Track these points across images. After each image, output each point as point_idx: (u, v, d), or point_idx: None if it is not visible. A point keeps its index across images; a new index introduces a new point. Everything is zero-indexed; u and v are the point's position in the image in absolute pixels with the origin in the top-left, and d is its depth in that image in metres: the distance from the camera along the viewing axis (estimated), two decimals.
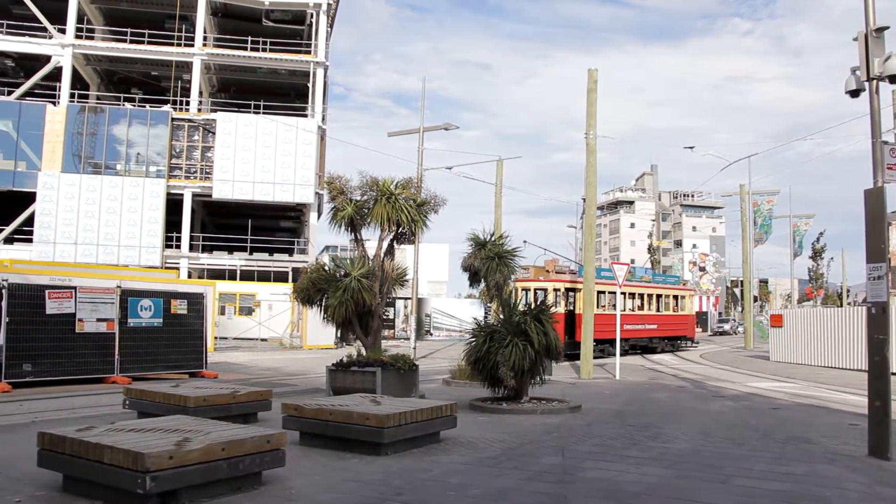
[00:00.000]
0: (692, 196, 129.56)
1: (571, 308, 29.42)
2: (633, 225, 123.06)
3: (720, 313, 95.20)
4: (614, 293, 29.30)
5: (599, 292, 29.29)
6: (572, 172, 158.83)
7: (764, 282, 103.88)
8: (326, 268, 14.54)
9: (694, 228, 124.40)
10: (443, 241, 68.82)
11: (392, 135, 30.29)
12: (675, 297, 36.74)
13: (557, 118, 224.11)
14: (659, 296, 35.05)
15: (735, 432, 11.02)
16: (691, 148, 34.16)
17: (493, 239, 15.08)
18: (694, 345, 39.45)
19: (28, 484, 6.94)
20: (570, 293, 29.72)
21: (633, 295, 32.65)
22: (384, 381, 12.58)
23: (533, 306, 13.48)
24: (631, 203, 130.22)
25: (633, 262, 73.62)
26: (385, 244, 14.91)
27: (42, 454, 6.87)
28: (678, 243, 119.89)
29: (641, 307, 33.70)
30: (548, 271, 29.27)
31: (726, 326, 73.25)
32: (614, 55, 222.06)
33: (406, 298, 39.64)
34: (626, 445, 9.67)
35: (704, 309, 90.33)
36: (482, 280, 14.75)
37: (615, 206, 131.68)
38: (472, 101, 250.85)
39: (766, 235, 47.16)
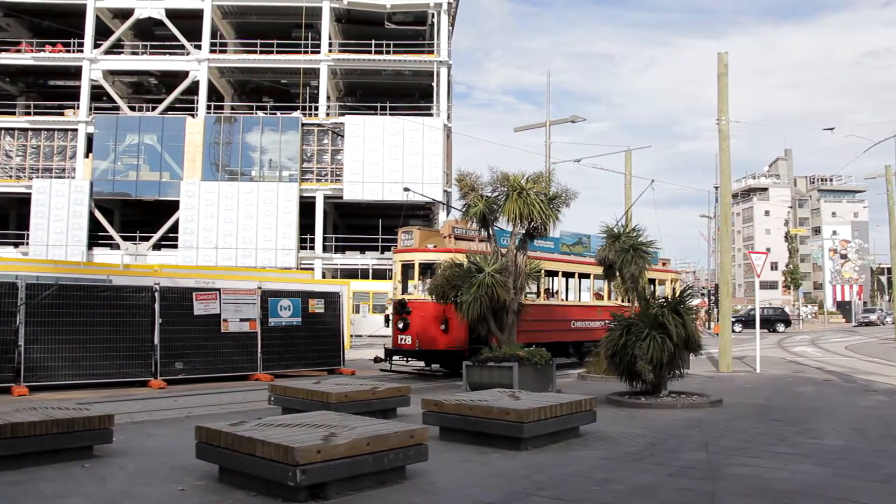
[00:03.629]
0: (831, 180, 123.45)
1: None
2: (767, 213, 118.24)
3: (865, 303, 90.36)
4: (580, 277, 22.43)
5: (549, 273, 20.90)
6: (701, 161, 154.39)
7: None
8: (459, 265, 14.62)
9: (833, 214, 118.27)
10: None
11: (518, 130, 30.23)
12: (651, 282, 25.13)
13: (683, 106, 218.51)
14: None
15: (892, 429, 10.40)
16: (831, 129, 32.32)
17: (626, 231, 14.81)
18: None
19: (188, 474, 7.28)
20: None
21: (585, 276, 22.61)
22: (521, 375, 12.57)
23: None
24: (764, 190, 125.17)
25: (768, 250, 70.84)
26: (517, 239, 14.88)
27: (200, 447, 7.20)
28: (816, 230, 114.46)
29: (600, 296, 23.52)
30: (445, 237, 19.10)
31: (872, 317, 69.30)
32: (740, 38, 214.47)
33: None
34: (773, 441, 9.28)
35: (847, 298, 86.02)
36: (617, 273, 14.50)
37: (748, 193, 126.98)
38: (595, 92, 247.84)
39: None
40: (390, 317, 19.60)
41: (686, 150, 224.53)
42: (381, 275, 42.71)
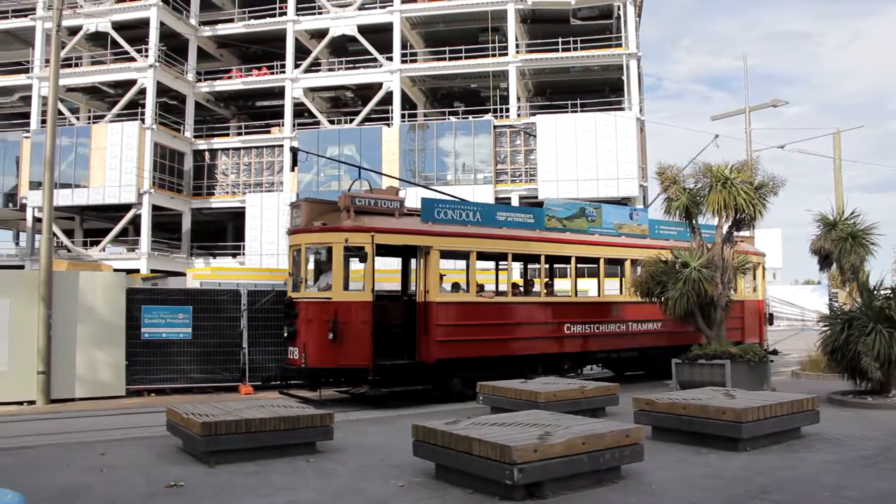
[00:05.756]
0: None
1: (411, 292, 15.07)
2: None
3: None
4: (589, 260, 17.03)
5: (520, 257, 16.52)
6: None
7: None
8: (664, 259, 14.26)
9: None
10: (772, 226, 64.32)
11: (716, 118, 29.15)
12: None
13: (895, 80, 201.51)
14: None
15: None
16: None
17: (842, 217, 13.91)
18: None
19: (405, 471, 7.54)
20: (406, 255, 15.53)
21: (593, 261, 17.05)
22: (734, 373, 12.11)
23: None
24: None
25: None
26: (723, 231, 14.34)
27: (416, 445, 7.43)
28: None
29: (622, 288, 18.04)
30: (342, 211, 13.59)
31: None
32: None
33: None
34: None
35: None
36: (834, 263, 13.68)
37: None
38: (792, 74, 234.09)
39: None
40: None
41: None
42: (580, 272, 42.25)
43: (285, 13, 45.88)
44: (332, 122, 46.75)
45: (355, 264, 13.98)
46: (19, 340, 14.43)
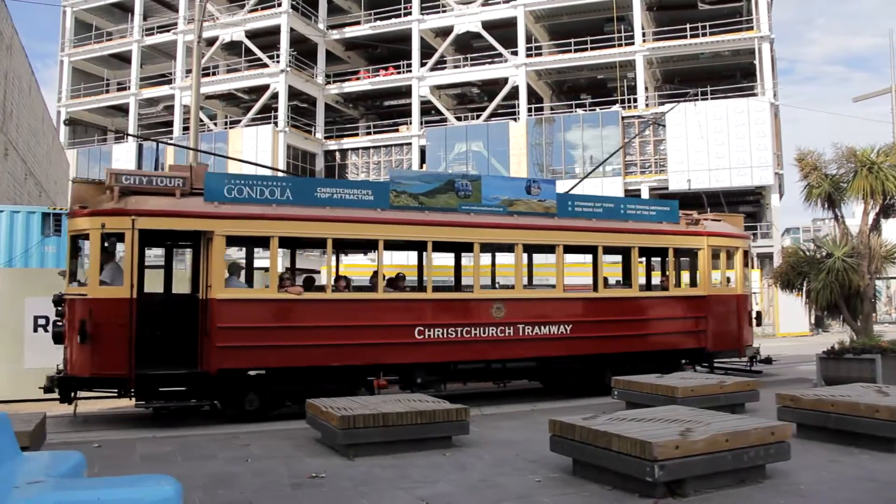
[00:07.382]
0: None
1: (197, 289, 11.53)
2: None
3: None
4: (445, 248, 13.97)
5: (351, 243, 13.93)
6: None
7: None
8: (804, 250, 13.70)
9: None
10: None
11: (857, 99, 27.88)
12: (647, 250, 14.98)
13: None
14: (590, 250, 14.50)
15: None
16: None
17: None
18: (745, 369, 15.66)
19: (542, 466, 7.53)
20: (192, 243, 12.24)
21: (481, 250, 12.97)
22: (884, 369, 11.49)
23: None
24: None
25: None
26: (870, 219, 13.65)
27: (553, 440, 7.41)
28: None
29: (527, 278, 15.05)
30: (109, 190, 10.84)
31: None
32: None
33: (888, 278, 35.77)
34: None
35: None
36: None
37: None
38: None
39: None
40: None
41: None
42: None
43: (410, 13, 46.63)
44: (458, 119, 47.18)
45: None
46: None
